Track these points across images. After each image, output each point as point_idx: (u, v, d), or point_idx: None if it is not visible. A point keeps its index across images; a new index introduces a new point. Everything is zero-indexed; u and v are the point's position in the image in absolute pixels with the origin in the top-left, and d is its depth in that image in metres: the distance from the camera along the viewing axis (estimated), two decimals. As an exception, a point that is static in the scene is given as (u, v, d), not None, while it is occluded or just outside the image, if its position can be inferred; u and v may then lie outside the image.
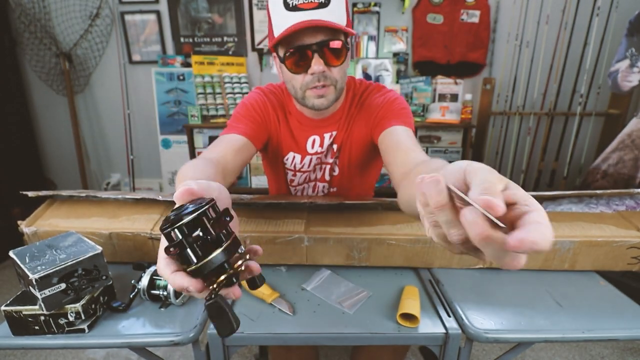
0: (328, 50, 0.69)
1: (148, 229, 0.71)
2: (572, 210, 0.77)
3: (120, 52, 2.38)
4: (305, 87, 0.73)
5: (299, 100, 0.77)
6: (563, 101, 2.28)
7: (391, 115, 0.78)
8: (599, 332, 0.58)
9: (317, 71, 0.70)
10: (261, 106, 0.84)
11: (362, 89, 0.87)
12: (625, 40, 1.72)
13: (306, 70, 0.71)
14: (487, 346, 1.45)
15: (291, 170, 0.91)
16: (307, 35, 0.67)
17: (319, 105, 0.75)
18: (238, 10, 2.33)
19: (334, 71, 0.72)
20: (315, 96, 0.74)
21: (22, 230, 0.73)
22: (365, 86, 0.87)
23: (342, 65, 0.73)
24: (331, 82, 0.73)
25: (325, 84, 0.72)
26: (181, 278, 0.32)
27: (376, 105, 0.82)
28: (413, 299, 0.62)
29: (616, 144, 1.68)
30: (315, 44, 0.68)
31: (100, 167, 2.70)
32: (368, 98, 0.84)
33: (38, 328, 0.56)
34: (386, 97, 0.82)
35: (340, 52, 0.71)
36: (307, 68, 0.70)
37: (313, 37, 0.68)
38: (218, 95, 2.32)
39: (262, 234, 0.70)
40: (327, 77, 0.72)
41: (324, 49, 0.69)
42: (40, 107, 2.55)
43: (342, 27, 0.67)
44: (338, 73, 0.73)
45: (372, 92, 0.85)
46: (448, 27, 2.30)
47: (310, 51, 0.69)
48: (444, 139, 2.25)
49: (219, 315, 0.32)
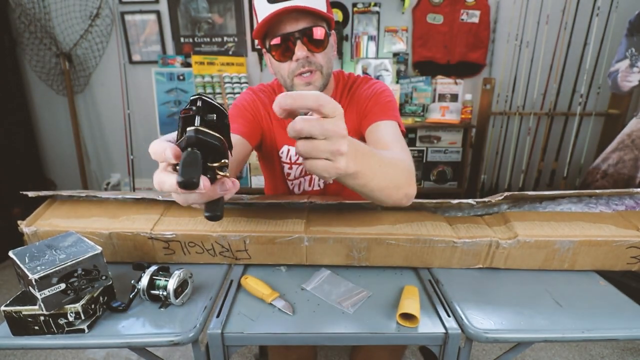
0: (310, 37, 0.73)
1: (148, 229, 0.71)
2: (571, 210, 0.77)
3: (120, 52, 2.38)
4: (292, 74, 0.76)
5: (288, 88, 0.80)
6: (563, 101, 2.28)
7: (377, 108, 0.82)
8: (598, 332, 0.58)
9: (301, 57, 0.73)
10: (251, 104, 0.88)
11: (351, 81, 0.91)
12: (625, 40, 1.72)
13: (291, 57, 0.75)
14: (487, 346, 1.45)
15: (287, 164, 0.92)
16: (289, 23, 0.72)
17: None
18: (238, 10, 2.33)
19: (318, 57, 0.76)
20: (303, 83, 0.77)
21: (22, 230, 0.73)
22: (353, 79, 0.91)
23: (326, 50, 0.77)
24: (316, 67, 0.76)
25: (311, 69, 0.76)
26: (168, 149, 0.34)
27: (365, 96, 0.85)
28: (413, 299, 0.62)
29: (616, 144, 1.68)
30: (298, 31, 0.72)
31: (100, 167, 2.70)
32: (357, 90, 0.88)
33: (38, 328, 0.56)
34: (374, 88, 0.86)
35: (322, 37, 0.75)
36: (292, 55, 0.74)
37: (295, 25, 0.72)
38: (218, 95, 2.32)
39: (262, 234, 0.70)
40: (312, 63, 0.75)
41: (306, 35, 0.73)
42: (40, 107, 2.55)
43: (320, 11, 0.71)
44: (322, 58, 0.77)
45: (361, 84, 0.89)
46: (448, 27, 2.30)
47: (293, 38, 0.73)
48: (444, 139, 2.25)
49: (193, 163, 0.31)
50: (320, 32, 0.74)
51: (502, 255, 0.72)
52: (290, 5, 0.69)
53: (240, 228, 0.71)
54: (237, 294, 0.67)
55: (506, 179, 2.47)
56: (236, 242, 0.71)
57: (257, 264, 0.75)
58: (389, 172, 0.54)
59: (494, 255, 0.72)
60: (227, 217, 0.75)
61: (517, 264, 0.73)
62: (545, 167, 2.43)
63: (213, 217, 0.36)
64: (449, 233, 0.71)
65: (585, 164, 2.32)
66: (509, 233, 0.71)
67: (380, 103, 0.82)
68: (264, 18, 0.70)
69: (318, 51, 0.75)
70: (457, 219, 0.76)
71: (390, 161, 0.56)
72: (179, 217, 0.74)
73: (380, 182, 0.53)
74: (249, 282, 0.67)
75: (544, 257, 0.72)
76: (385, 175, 0.53)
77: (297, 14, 0.71)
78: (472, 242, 0.70)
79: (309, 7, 0.70)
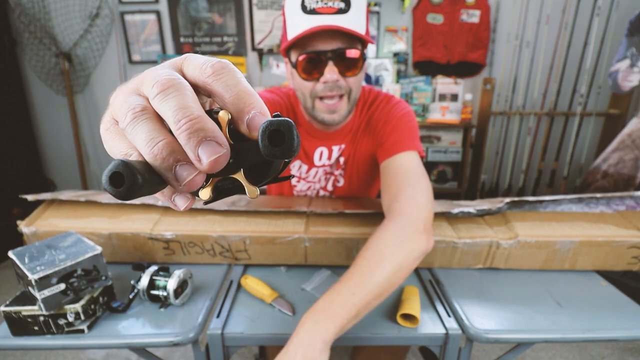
0: (344, 59, 0.66)
1: (148, 229, 0.71)
2: (572, 210, 0.77)
3: (120, 52, 2.38)
4: (315, 95, 0.70)
5: (308, 109, 0.74)
6: (563, 101, 2.28)
7: (395, 136, 0.74)
8: (599, 332, 0.58)
9: (331, 80, 0.66)
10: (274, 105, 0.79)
11: (371, 99, 0.82)
12: (626, 40, 1.72)
13: (318, 78, 0.67)
14: (487, 346, 1.45)
15: (296, 177, 0.89)
16: (323, 41, 0.64)
17: (330, 121, 0.72)
18: (238, 10, 2.33)
19: (349, 81, 0.69)
20: (327, 111, 0.71)
21: (22, 231, 0.72)
22: (374, 96, 0.83)
23: (358, 75, 0.69)
24: (345, 91, 0.69)
25: (340, 93, 0.69)
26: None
27: (383, 120, 0.78)
28: (413, 299, 0.62)
29: (616, 144, 1.68)
30: (331, 50, 0.64)
31: (100, 167, 2.69)
32: (377, 111, 0.80)
33: (37, 328, 0.55)
34: (393, 111, 0.78)
35: (357, 61, 0.67)
36: (320, 75, 0.67)
37: (329, 43, 0.64)
38: (218, 95, 2.32)
39: (262, 234, 0.70)
40: (341, 87, 0.68)
41: (339, 56, 0.65)
42: (40, 107, 2.55)
43: (361, 35, 0.64)
44: (354, 83, 0.69)
45: (380, 104, 0.81)
46: (448, 27, 2.29)
47: (325, 57, 0.65)
48: (444, 139, 2.24)
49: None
50: (355, 53, 0.66)
51: (503, 256, 0.71)
52: (329, 25, 0.61)
53: (240, 228, 0.71)
54: (237, 294, 0.67)
55: (506, 179, 2.47)
56: (236, 242, 0.71)
57: (257, 264, 0.75)
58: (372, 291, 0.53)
59: (494, 256, 0.72)
60: (227, 217, 0.74)
61: (518, 264, 0.73)
62: (545, 167, 2.43)
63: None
64: (450, 233, 0.71)
65: (585, 164, 2.32)
66: (510, 233, 0.71)
67: (398, 130, 0.74)
68: (296, 34, 0.63)
69: (350, 75, 0.68)
70: (458, 219, 0.76)
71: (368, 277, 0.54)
72: (178, 217, 0.74)
73: (374, 299, 0.53)
74: (249, 283, 0.67)
75: (545, 257, 0.72)
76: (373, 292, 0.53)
77: (333, 32, 0.64)
78: (473, 243, 0.70)
79: (349, 29, 0.62)
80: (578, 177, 2.37)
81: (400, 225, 0.59)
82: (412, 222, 0.59)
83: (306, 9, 0.63)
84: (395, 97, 0.82)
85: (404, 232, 0.58)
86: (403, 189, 0.65)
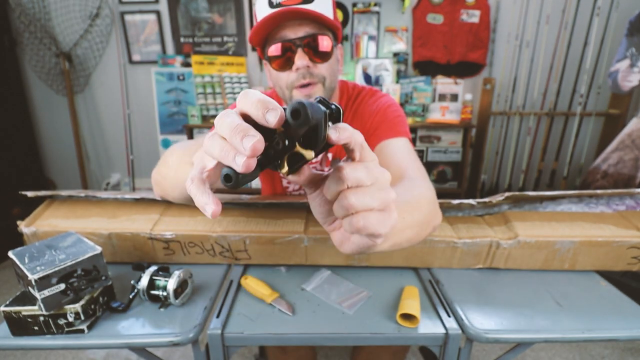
0: (313, 45, 0.66)
1: (148, 229, 0.71)
2: (572, 210, 0.77)
3: (120, 52, 2.38)
4: (292, 85, 0.69)
5: (287, 102, 0.73)
6: (563, 101, 2.28)
7: (385, 125, 0.74)
8: (599, 332, 0.58)
9: (301, 66, 0.66)
10: None
11: (355, 93, 0.83)
12: (626, 40, 1.72)
13: (291, 67, 0.67)
14: (487, 346, 1.45)
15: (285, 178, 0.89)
16: (290, 29, 0.65)
17: None
18: (238, 10, 2.33)
19: (321, 68, 0.68)
20: (302, 97, 0.69)
21: (22, 231, 0.72)
22: (358, 90, 0.83)
23: (330, 61, 0.69)
24: (318, 79, 0.68)
25: (311, 81, 0.68)
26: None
27: (369, 112, 0.78)
28: (413, 299, 0.62)
29: (616, 144, 1.68)
30: (299, 38, 0.65)
31: (100, 167, 2.69)
32: (362, 104, 0.80)
33: (37, 328, 0.55)
34: (380, 103, 0.78)
35: (326, 47, 0.67)
36: (292, 64, 0.67)
37: (296, 31, 0.65)
38: (218, 95, 2.32)
39: (262, 234, 0.70)
40: (313, 74, 0.68)
41: (308, 43, 0.65)
42: (40, 107, 2.55)
43: (325, 17, 0.64)
44: (326, 70, 0.69)
45: (365, 97, 0.81)
46: (448, 27, 2.30)
47: (294, 46, 0.65)
48: (444, 138, 2.24)
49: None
50: (324, 40, 0.66)
51: (503, 256, 0.71)
52: (290, 8, 0.61)
53: (240, 228, 0.71)
54: (237, 294, 0.67)
55: (506, 179, 2.47)
56: (236, 242, 0.71)
57: (257, 264, 0.75)
58: (415, 218, 0.46)
59: (494, 256, 0.72)
60: (227, 217, 0.74)
61: (518, 264, 0.73)
62: (545, 167, 2.43)
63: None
64: (450, 233, 0.71)
65: (585, 164, 2.32)
66: (510, 233, 0.71)
67: (388, 119, 0.75)
68: (262, 18, 0.64)
69: (320, 62, 0.68)
70: (458, 219, 0.76)
71: (415, 205, 0.47)
72: (178, 217, 0.74)
73: (407, 235, 0.45)
74: (249, 283, 0.67)
75: (545, 257, 0.72)
76: (412, 225, 0.46)
77: (299, 20, 0.64)
78: (473, 243, 0.70)
79: (312, 10, 0.62)
80: (578, 177, 2.37)
81: (428, 186, 0.55)
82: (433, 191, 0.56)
83: (272, 4, 0.64)
84: (380, 91, 0.83)
85: (431, 192, 0.54)
86: (408, 167, 0.63)
